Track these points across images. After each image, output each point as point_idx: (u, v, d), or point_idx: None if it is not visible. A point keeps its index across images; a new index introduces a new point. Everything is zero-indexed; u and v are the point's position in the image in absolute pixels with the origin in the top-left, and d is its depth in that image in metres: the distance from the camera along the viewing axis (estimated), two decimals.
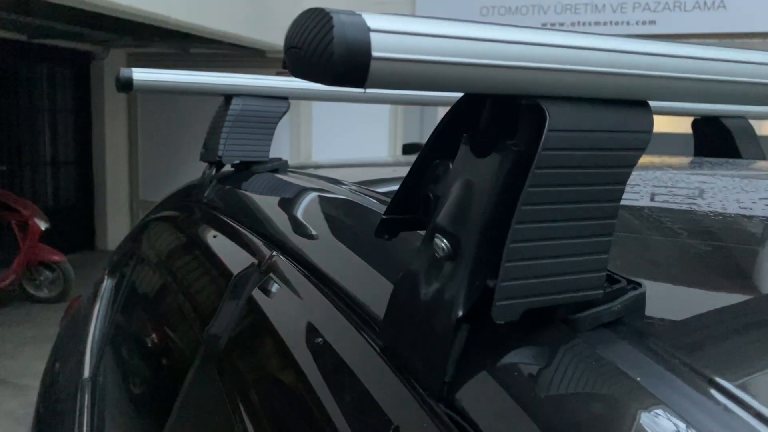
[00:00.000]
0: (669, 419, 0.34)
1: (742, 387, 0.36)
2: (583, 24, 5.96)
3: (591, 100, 0.40)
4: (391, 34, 0.34)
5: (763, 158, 1.57)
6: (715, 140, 1.56)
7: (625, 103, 0.41)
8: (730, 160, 1.31)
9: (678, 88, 0.42)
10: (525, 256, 0.39)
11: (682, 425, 0.34)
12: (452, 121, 0.46)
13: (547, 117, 0.38)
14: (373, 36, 0.33)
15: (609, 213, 0.41)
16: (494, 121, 0.43)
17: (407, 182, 0.49)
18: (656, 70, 0.41)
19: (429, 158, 0.49)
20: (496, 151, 0.40)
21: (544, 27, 0.39)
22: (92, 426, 1.24)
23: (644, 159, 1.44)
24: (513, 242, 0.38)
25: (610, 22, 5.94)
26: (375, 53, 0.33)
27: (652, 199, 0.89)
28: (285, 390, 0.61)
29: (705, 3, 5.70)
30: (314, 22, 0.34)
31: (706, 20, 5.69)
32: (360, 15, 0.34)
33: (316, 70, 0.34)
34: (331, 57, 0.32)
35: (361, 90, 0.36)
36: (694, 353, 0.41)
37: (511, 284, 0.39)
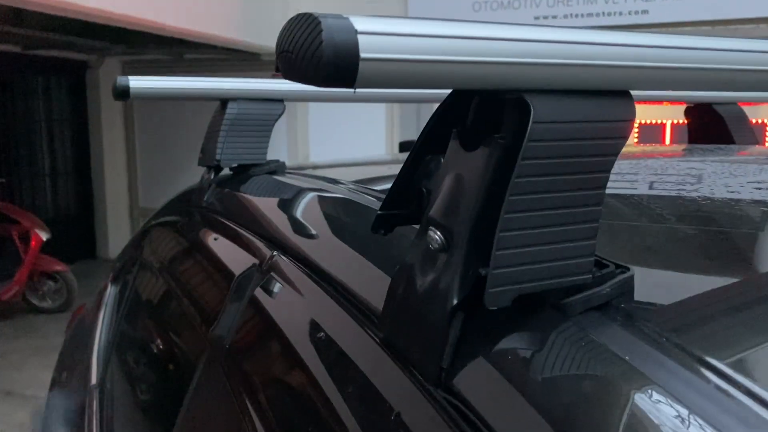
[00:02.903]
0: (658, 397, 0.35)
1: (731, 365, 0.38)
2: (576, 16, 5.95)
3: (573, 91, 0.41)
4: (378, 35, 0.35)
5: (756, 143, 1.59)
6: (708, 127, 1.57)
7: (607, 93, 0.43)
8: (722, 146, 1.33)
9: (657, 77, 0.44)
10: (515, 244, 0.40)
11: (671, 402, 0.35)
12: (442, 117, 0.48)
13: (532, 110, 0.39)
14: (360, 38, 0.34)
15: (595, 200, 0.43)
16: (481, 116, 0.44)
17: (401, 178, 0.51)
18: (635, 60, 0.42)
19: (421, 154, 0.50)
20: (484, 145, 0.42)
21: (526, 23, 0.40)
22: None
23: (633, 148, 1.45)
24: (503, 231, 0.40)
25: (603, 13, 5.93)
26: (363, 54, 0.34)
27: (629, 185, 0.91)
28: (290, 386, 0.63)
29: None
30: (304, 26, 0.35)
31: (699, 7, 5.69)
32: (347, 18, 0.35)
33: (306, 73, 0.35)
34: (321, 60, 0.34)
35: (351, 90, 0.37)
36: (682, 333, 0.43)
37: (502, 272, 0.40)
